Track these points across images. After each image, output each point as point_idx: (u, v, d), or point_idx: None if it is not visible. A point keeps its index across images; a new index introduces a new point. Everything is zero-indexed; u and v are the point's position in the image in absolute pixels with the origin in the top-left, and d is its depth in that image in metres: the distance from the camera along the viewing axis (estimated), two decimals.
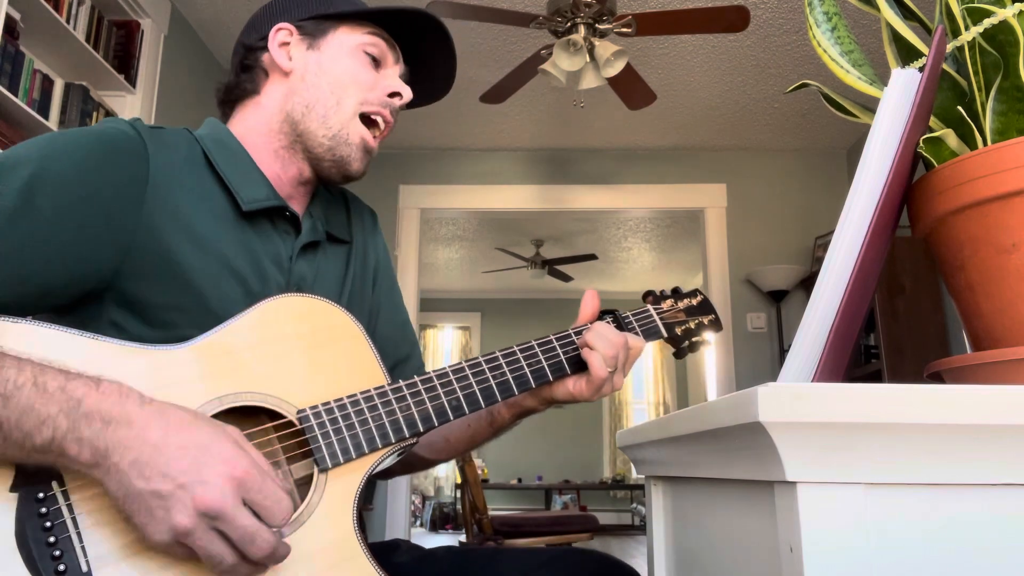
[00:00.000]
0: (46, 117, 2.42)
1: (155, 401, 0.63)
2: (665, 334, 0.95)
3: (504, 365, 0.84)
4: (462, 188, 4.42)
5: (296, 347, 0.76)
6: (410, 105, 0.95)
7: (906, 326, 3.43)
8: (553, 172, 4.45)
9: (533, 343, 0.87)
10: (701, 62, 3.48)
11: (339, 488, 0.72)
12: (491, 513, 3.07)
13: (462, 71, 3.55)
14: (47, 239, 0.70)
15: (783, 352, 4.05)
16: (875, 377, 3.48)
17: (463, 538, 3.49)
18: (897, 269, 3.49)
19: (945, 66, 0.65)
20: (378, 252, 1.03)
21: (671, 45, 3.35)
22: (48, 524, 0.60)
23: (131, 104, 2.81)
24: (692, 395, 7.78)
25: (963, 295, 0.62)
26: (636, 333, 0.93)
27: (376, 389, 0.77)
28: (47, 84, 2.48)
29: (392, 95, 0.91)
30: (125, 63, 2.79)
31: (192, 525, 0.58)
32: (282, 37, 0.90)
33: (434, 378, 0.80)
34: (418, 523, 7.59)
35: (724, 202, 4.33)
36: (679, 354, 0.97)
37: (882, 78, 0.65)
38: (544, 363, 0.86)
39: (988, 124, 0.61)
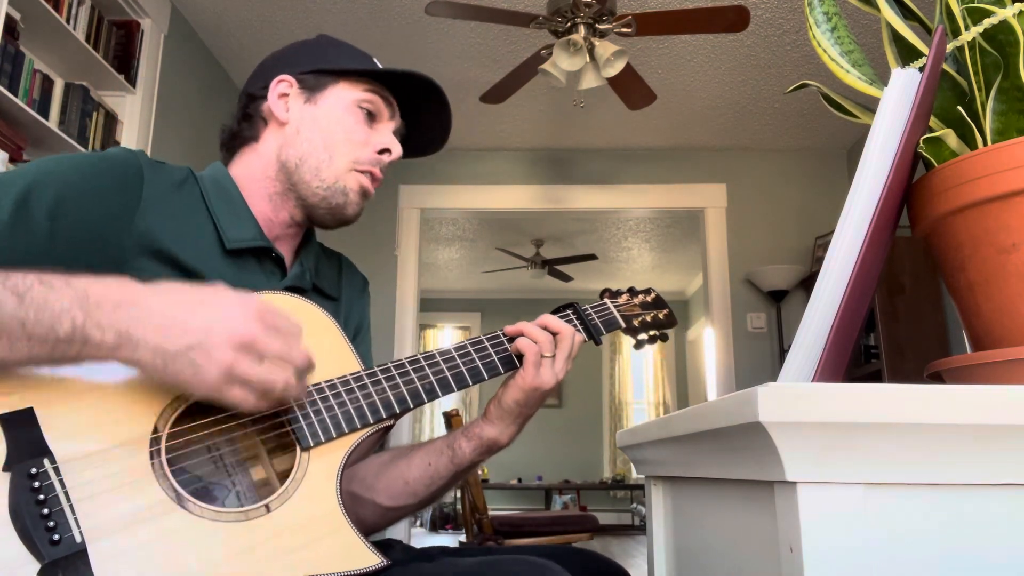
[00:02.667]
0: (46, 117, 2.42)
1: (152, 283, 0.68)
2: (623, 324, 1.01)
3: (473, 352, 0.88)
4: (462, 188, 4.41)
5: None
6: (403, 157, 0.99)
7: (906, 326, 3.43)
8: (553, 172, 4.45)
9: (482, 338, 0.90)
10: (701, 62, 3.48)
11: (321, 466, 0.75)
12: (491, 513, 3.07)
13: (462, 71, 3.56)
14: (41, 250, 0.72)
15: (783, 352, 4.05)
16: (875, 377, 3.48)
17: (463, 538, 3.49)
18: (897, 269, 3.49)
19: (945, 66, 0.65)
20: (362, 314, 1.06)
21: (671, 45, 3.35)
22: (41, 497, 0.62)
23: (131, 104, 2.81)
24: (692, 395, 7.78)
25: (963, 295, 0.62)
26: (595, 322, 0.98)
27: (352, 374, 0.81)
28: (47, 84, 2.48)
29: (382, 152, 0.95)
30: (125, 63, 2.79)
31: (232, 359, 0.65)
32: (282, 88, 0.93)
33: (407, 364, 0.84)
34: (418, 523, 7.59)
35: (724, 202, 4.33)
36: (638, 345, 1.04)
37: (882, 78, 0.65)
38: (505, 351, 0.90)
39: (988, 124, 0.61)
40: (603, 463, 7.95)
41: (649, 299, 1.07)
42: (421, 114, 1.00)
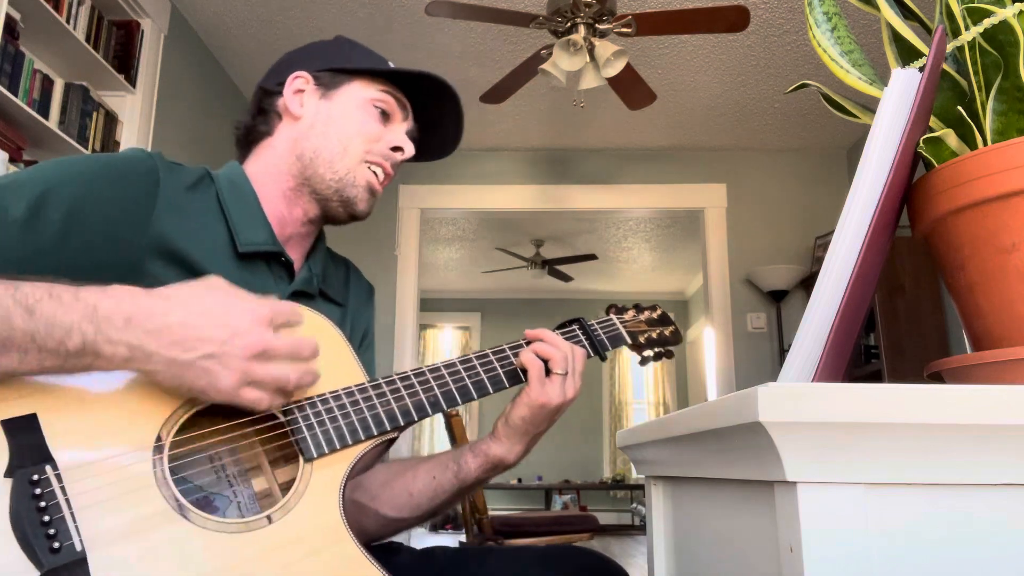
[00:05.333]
0: (46, 117, 2.42)
1: (157, 290, 0.69)
2: (629, 340, 1.01)
3: (478, 366, 0.87)
4: (462, 188, 4.41)
5: None
6: (415, 160, 0.99)
7: (906, 326, 3.43)
8: (553, 172, 4.45)
9: (488, 352, 0.89)
10: (701, 62, 3.47)
11: (324, 478, 0.74)
12: (491, 513, 3.07)
13: (462, 71, 3.55)
14: (55, 250, 0.73)
15: (783, 352, 4.05)
16: (875, 377, 3.48)
17: (463, 538, 3.49)
18: (897, 269, 3.49)
19: (945, 66, 0.65)
20: (368, 322, 1.06)
21: (671, 45, 3.34)
22: (42, 504, 0.61)
23: (131, 104, 2.81)
24: (692, 395, 7.78)
25: (963, 295, 0.62)
26: (601, 338, 0.98)
27: (357, 386, 0.80)
28: (47, 84, 2.47)
29: (395, 149, 0.96)
30: (125, 63, 2.79)
31: (246, 366, 0.67)
32: (298, 84, 0.95)
33: (412, 376, 0.84)
34: None
35: (724, 202, 4.33)
36: (643, 361, 1.04)
37: (882, 78, 0.65)
38: (511, 364, 0.89)
39: (988, 124, 0.61)
40: (603, 463, 7.94)
41: (655, 316, 1.07)
42: (434, 118, 1.01)
